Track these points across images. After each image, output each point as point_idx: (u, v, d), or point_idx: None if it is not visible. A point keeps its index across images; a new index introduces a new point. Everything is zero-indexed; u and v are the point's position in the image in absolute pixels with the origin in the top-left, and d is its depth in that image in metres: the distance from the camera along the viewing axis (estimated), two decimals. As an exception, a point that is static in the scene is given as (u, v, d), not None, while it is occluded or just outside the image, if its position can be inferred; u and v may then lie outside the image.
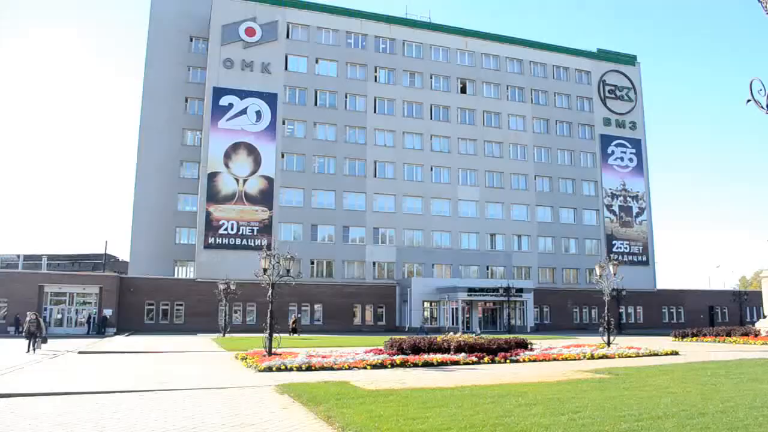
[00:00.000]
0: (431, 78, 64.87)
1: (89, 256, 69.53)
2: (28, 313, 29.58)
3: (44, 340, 28.79)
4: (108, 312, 49.35)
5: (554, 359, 21.20)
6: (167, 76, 59.43)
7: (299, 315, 52.64)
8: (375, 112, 62.22)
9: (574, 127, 69.23)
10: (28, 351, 26.87)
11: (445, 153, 63.60)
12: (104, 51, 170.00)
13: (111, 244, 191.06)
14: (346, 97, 61.85)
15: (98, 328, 48.09)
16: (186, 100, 60.01)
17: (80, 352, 26.42)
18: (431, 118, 63.95)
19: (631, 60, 73.76)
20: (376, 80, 63.09)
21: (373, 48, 63.51)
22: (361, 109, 61.99)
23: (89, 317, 49.08)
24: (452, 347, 21.10)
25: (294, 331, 45.47)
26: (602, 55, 72.66)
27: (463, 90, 66.01)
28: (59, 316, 49.89)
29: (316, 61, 61.61)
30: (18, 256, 57.41)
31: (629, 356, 22.68)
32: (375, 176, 60.88)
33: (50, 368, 19.70)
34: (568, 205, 67.27)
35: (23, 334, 29.19)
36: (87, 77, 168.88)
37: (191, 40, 61.35)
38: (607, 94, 71.16)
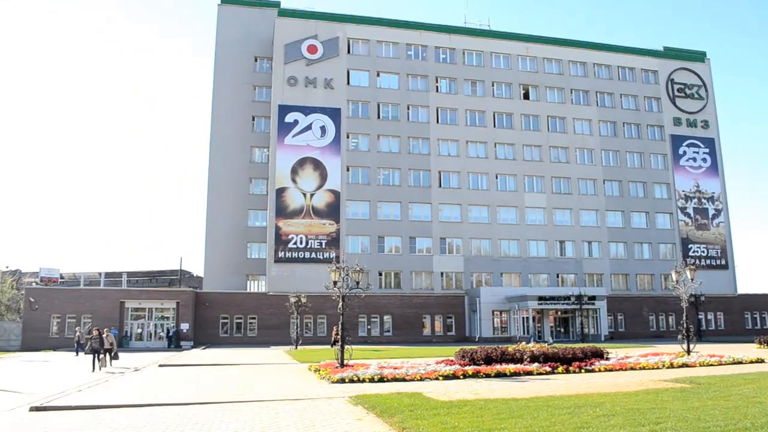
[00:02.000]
0: (493, 85, 64.45)
1: (166, 273, 72.05)
2: (93, 329, 29.32)
3: (115, 356, 28.54)
4: (184, 326, 50.97)
5: (631, 368, 20.62)
6: (234, 97, 61.22)
7: (337, 327, 52.09)
8: (438, 122, 62.24)
9: (643, 128, 67.32)
10: (94, 369, 25.91)
11: (510, 160, 62.94)
12: (174, 76, 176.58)
13: (186, 260, 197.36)
14: (408, 108, 62.14)
15: (175, 341, 49.70)
16: (253, 119, 61.61)
17: (160, 365, 27.31)
18: (494, 126, 63.46)
19: (700, 57, 71.28)
20: (437, 90, 63.16)
21: (433, 58, 63.65)
22: (423, 120, 62.14)
23: (169, 331, 50.79)
24: (525, 357, 20.82)
25: (335, 342, 44.79)
26: (669, 53, 70.49)
27: (526, 96, 65.26)
28: (139, 330, 51.90)
29: (378, 75, 62.21)
30: (100, 273, 60.10)
31: (711, 365, 21.83)
32: (440, 186, 60.81)
33: (131, 381, 20.48)
34: (640, 209, 65.33)
35: (86, 350, 28.49)
36: (160, 100, 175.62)
37: (256, 61, 63.02)
38: (677, 93, 68.92)
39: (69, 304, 50.58)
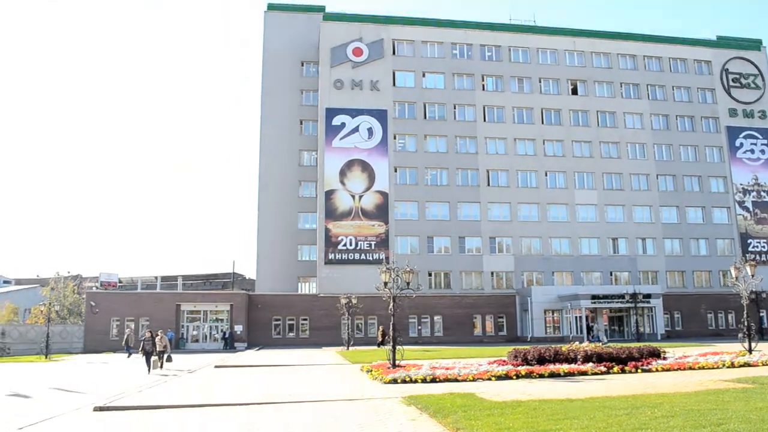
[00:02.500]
0: (540, 82, 63.66)
1: (219, 276, 73.51)
2: (146, 332, 29.15)
3: (168, 359, 28.58)
4: (238, 328, 51.98)
5: (690, 368, 20.12)
6: (282, 101, 62.03)
7: (383, 327, 51.70)
8: (485, 120, 61.84)
9: (697, 120, 65.43)
10: (149, 372, 26.05)
11: (560, 157, 62.04)
12: (223, 82, 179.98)
13: (238, 264, 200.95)
14: (454, 108, 61.92)
15: (230, 343, 50.71)
16: (301, 123, 62.33)
17: (216, 367, 27.90)
18: (543, 123, 62.67)
19: (755, 45, 68.83)
20: (483, 89, 62.75)
21: (479, 57, 63.27)
22: (470, 118, 61.83)
23: (224, 333, 51.85)
24: (579, 357, 20.53)
25: (382, 343, 44.77)
26: (723, 43, 68.31)
27: (575, 91, 64.22)
28: (195, 332, 53.20)
29: (423, 75, 62.18)
30: (156, 277, 61.73)
31: (775, 364, 21.10)
32: (488, 185, 60.39)
33: (189, 382, 20.98)
34: (695, 204, 63.50)
35: (139, 353, 28.35)
36: (210, 105, 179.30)
37: (302, 65, 63.72)
38: (732, 83, 66.73)
39: (128, 308, 52.22)
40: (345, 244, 56.53)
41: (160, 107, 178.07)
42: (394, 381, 17.90)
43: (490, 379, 18.09)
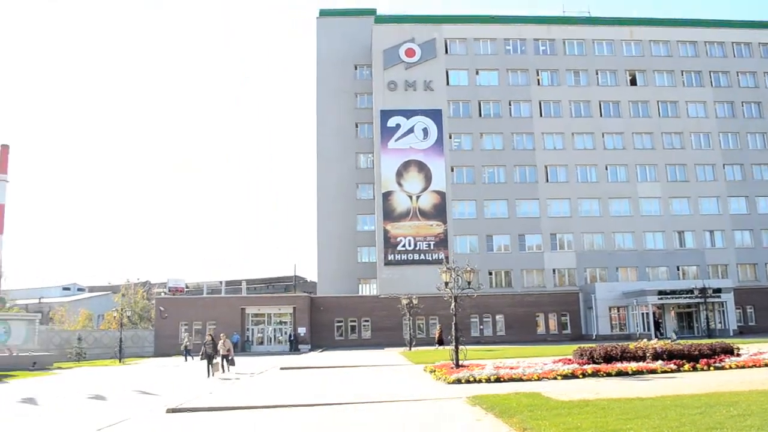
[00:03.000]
0: (597, 74, 62.35)
1: (281, 279, 74.83)
2: (206, 335, 28.86)
3: (231, 362, 27.99)
4: (302, 330, 52.81)
5: (766, 365, 19.38)
6: (337, 105, 62.68)
7: (441, 326, 51.17)
8: (541, 115, 61.02)
9: (765, 106, 62.77)
10: (209, 375, 25.73)
11: (620, 150, 60.60)
12: (278, 88, 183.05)
13: (299, 267, 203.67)
14: (510, 104, 61.33)
15: (293, 345, 51.59)
16: (356, 125, 62.82)
17: (281, 368, 28.39)
18: (601, 116, 61.36)
19: (825, 26, 65.65)
20: (539, 84, 61.92)
21: (533, 51, 62.45)
22: (526, 114, 61.11)
23: (290, 335, 52.74)
24: (647, 354, 20.03)
25: (440, 342, 44.50)
26: (791, 25, 65.38)
27: (633, 82, 62.61)
28: (260, 335, 54.37)
29: (477, 73, 61.84)
30: (221, 282, 63.27)
31: None
32: (547, 181, 59.54)
33: (257, 384, 21.43)
34: (766, 193, 60.91)
35: (201, 356, 27.93)
36: (268, 113, 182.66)
37: (356, 69, 64.23)
38: (802, 66, 63.75)
39: (195, 312, 53.78)
40: (404, 245, 56.72)
41: (219, 115, 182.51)
42: (458, 381, 17.88)
43: (555, 379, 17.87)
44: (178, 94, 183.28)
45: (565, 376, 18.08)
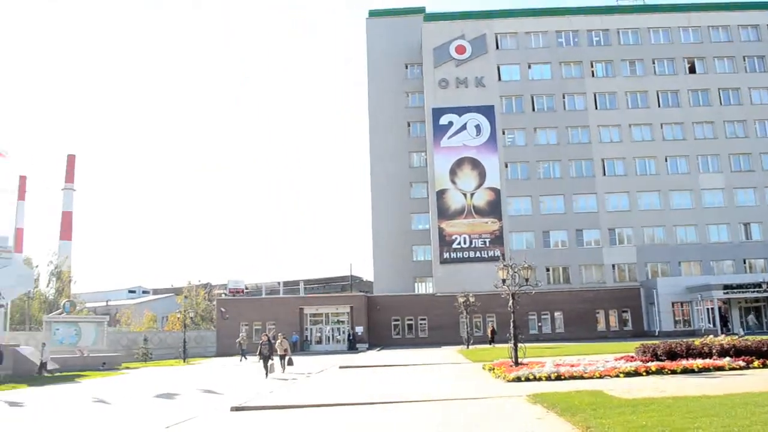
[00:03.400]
0: (654, 63, 60.63)
1: (337, 279, 75.58)
2: (262, 335, 28.69)
3: (289, 362, 27.54)
4: (359, 329, 53.25)
5: (842, 361, 18.55)
6: (388, 105, 62.84)
7: (493, 325, 50.53)
8: (596, 108, 59.78)
9: (834, 90, 59.84)
10: (266, 376, 25.33)
11: (680, 140, 58.80)
12: (328, 90, 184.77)
13: (355, 266, 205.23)
14: (563, 97, 60.31)
15: (351, 344, 52.07)
16: (408, 125, 62.87)
17: (340, 367, 28.71)
18: (659, 106, 59.66)
19: None
20: (593, 75, 60.67)
21: (586, 43, 61.23)
22: (581, 107, 59.98)
23: (350, 335, 53.20)
24: (714, 351, 19.45)
25: (492, 341, 43.93)
26: None
27: (692, 70, 60.61)
28: (318, 334, 55.10)
29: (529, 67, 61.03)
30: (278, 283, 64.36)
31: None
32: (604, 175, 58.32)
33: (317, 383, 21.77)
34: (838, 181, 58.06)
35: (258, 357, 27.23)
36: (319, 114, 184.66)
37: (406, 68, 64.26)
38: None
39: (254, 312, 54.91)
40: (459, 243, 56.51)
41: (274, 116, 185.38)
42: (518, 379, 17.76)
43: (618, 376, 17.56)
44: (222, 93, 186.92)
45: (628, 374, 17.74)
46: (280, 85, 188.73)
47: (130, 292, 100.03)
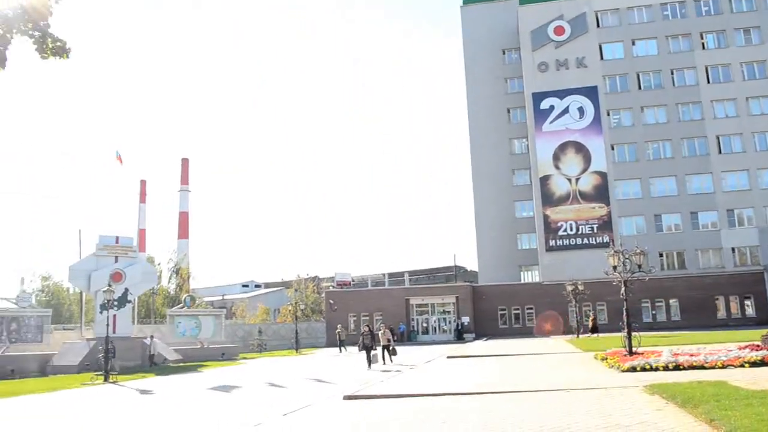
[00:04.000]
0: (772, 29, 56.44)
1: (441, 270, 75.77)
2: (363, 326, 28.32)
3: (393, 352, 27.31)
4: (465, 319, 53.23)
5: None
6: (487, 92, 62.17)
7: (595, 314, 48.40)
8: (708, 82, 56.46)
9: None
10: (369, 367, 25.07)
11: (805, 112, 54.55)
12: (425, 79, 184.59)
13: (459, 257, 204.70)
14: (672, 73, 57.39)
15: (458, 334, 52.15)
16: (508, 111, 61.95)
17: (448, 357, 28.81)
18: (779, 76, 55.55)
19: None
20: (703, 47, 57.31)
21: (694, 13, 57.85)
22: (691, 82, 56.84)
23: (458, 325, 53.29)
24: None
25: (594, 330, 42.48)
26: None
27: (817, 35, 55.97)
28: (425, 325, 55.58)
29: (633, 43, 58.52)
30: (384, 274, 65.34)
31: None
32: (720, 152, 55.07)
33: (426, 372, 21.97)
34: None
35: (359, 348, 27.23)
36: (417, 103, 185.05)
37: (504, 53, 63.28)
38: None
39: (361, 304, 56.11)
40: (565, 230, 55.19)
41: (370, 109, 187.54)
42: (633, 369, 17.21)
43: (742, 366, 16.63)
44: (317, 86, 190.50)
45: (754, 364, 16.76)
46: (381, 79, 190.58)
47: (244, 286, 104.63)
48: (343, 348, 42.29)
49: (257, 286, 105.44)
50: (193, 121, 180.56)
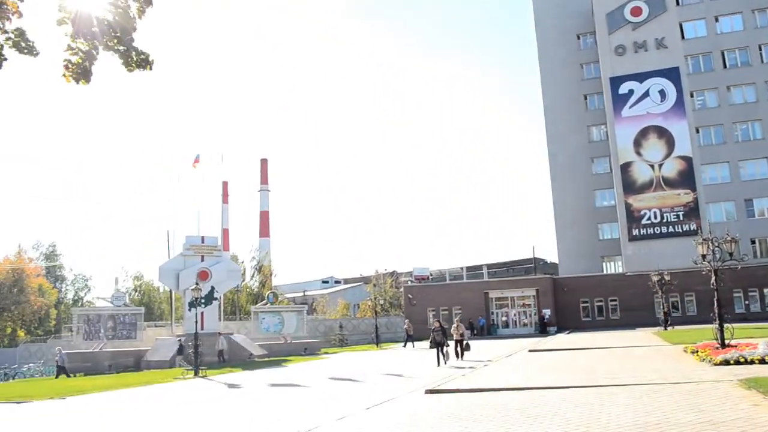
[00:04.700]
0: None
1: (520, 262, 74.77)
2: (434, 321, 27.05)
3: (467, 347, 26.10)
4: (546, 312, 52.31)
5: None
6: (562, 79, 60.78)
7: (667, 306, 45.93)
8: (800, 54, 53.27)
9: None
10: (438, 364, 23.76)
11: None
12: (500, 69, 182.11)
13: (537, 249, 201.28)
14: (760, 49, 54.57)
15: (539, 327, 51.32)
16: (585, 98, 60.39)
17: (529, 351, 28.45)
18: None
19: None
20: (794, 18, 54.06)
21: (783, -19, 54.69)
22: (783, 57, 53.80)
23: (543, 318, 52.31)
24: None
25: (666, 322, 40.62)
26: None
27: None
28: (504, 318, 55.02)
29: (716, 20, 55.96)
30: (462, 268, 65.05)
31: None
32: (817, 130, 51.90)
33: (508, 366, 21.75)
34: None
35: (430, 344, 26.00)
36: (493, 95, 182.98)
37: (578, 38, 61.69)
38: None
39: (440, 298, 56.10)
40: (648, 218, 53.33)
41: (447, 101, 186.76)
42: (726, 362, 16.49)
43: None
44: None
45: None
46: (455, 69, 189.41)
47: (323, 282, 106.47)
48: (410, 343, 42.02)
49: (336, 281, 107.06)
50: (268, 122, 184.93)
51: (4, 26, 11.85)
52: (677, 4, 56.63)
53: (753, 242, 51.73)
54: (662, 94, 54.70)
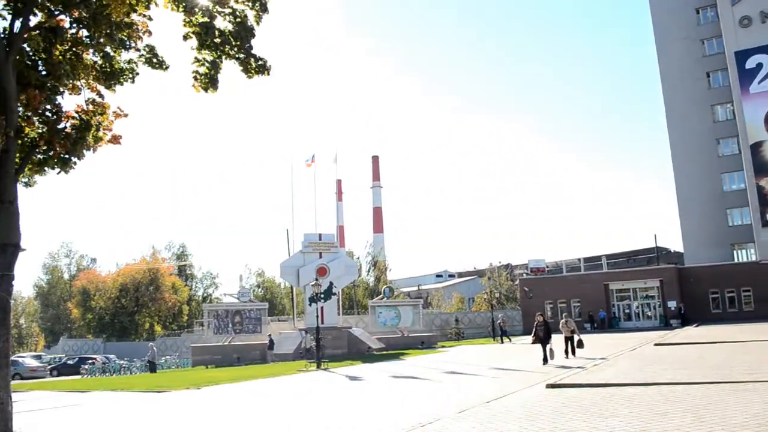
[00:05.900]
0: None
1: (642, 252, 71.51)
2: (537, 316, 24.83)
3: (579, 344, 24.05)
4: (672, 304, 49.80)
5: None
6: (681, 57, 57.59)
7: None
8: None
9: None
10: (545, 362, 22.20)
11: None
12: (613, 48, 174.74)
13: (660, 237, 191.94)
14: None
15: (664, 320, 48.96)
16: (708, 75, 56.89)
17: (655, 345, 27.33)
18: None
19: None
20: None
21: None
22: None
23: (681, 309, 49.51)
24: None
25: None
26: None
27: None
28: (626, 311, 52.93)
29: None
30: (579, 259, 63.09)
31: None
32: None
33: (632, 361, 21.02)
34: None
35: (532, 340, 24.19)
36: (609, 77, 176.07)
37: (697, 12, 58.16)
38: None
39: (557, 291, 54.83)
40: (784, 201, 49.51)
41: (552, 88, 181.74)
42: None
43: None
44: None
45: None
46: (561, 53, 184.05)
47: (437, 276, 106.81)
48: (505, 338, 42.40)
49: (450, 275, 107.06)
50: (379, 120, 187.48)
51: (136, 45, 12.95)
52: (810, -34, 52.14)
53: None
54: (795, 65, 50.59)
